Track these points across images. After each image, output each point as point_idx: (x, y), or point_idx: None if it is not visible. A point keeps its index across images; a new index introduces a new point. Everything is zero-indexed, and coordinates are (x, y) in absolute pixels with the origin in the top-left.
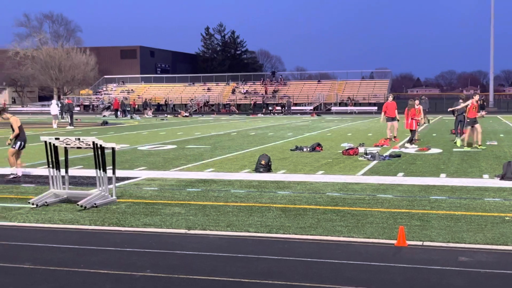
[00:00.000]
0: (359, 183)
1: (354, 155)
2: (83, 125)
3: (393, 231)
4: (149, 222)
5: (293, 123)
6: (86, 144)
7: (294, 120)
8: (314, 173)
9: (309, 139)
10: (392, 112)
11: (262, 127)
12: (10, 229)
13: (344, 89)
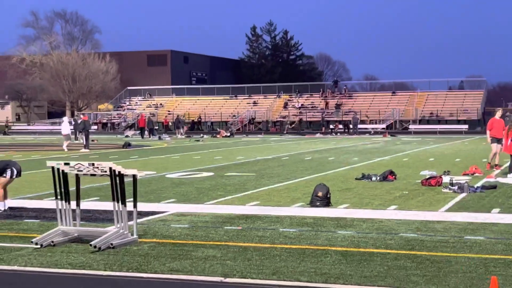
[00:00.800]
0: (441, 221)
1: (436, 185)
2: (101, 147)
3: (484, 282)
4: (177, 267)
5: (360, 145)
6: (102, 170)
7: (362, 141)
8: (384, 209)
9: (380, 166)
10: (499, 132)
11: (321, 150)
12: (8, 274)
13: (426, 103)
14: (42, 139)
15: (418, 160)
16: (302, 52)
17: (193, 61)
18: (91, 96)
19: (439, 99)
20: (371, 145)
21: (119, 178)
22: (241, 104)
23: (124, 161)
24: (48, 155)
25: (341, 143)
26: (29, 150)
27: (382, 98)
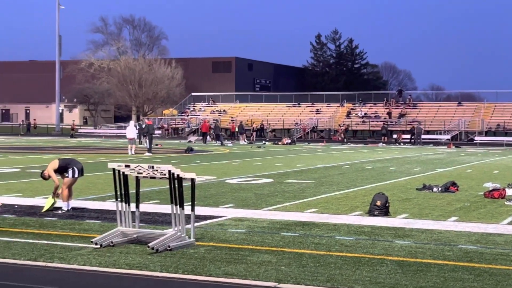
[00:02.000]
0: (503, 234)
1: (499, 198)
2: (164, 152)
3: None
4: (232, 271)
5: (423, 155)
6: (161, 173)
7: (425, 151)
8: (444, 220)
9: (442, 177)
10: None
11: (382, 159)
12: (68, 272)
13: (493, 114)
14: (107, 143)
15: (481, 172)
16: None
17: (257, 68)
18: (156, 101)
19: (507, 111)
20: (434, 156)
21: (177, 182)
22: (304, 112)
23: (185, 165)
24: (113, 158)
25: (403, 153)
26: (94, 153)
27: (447, 109)
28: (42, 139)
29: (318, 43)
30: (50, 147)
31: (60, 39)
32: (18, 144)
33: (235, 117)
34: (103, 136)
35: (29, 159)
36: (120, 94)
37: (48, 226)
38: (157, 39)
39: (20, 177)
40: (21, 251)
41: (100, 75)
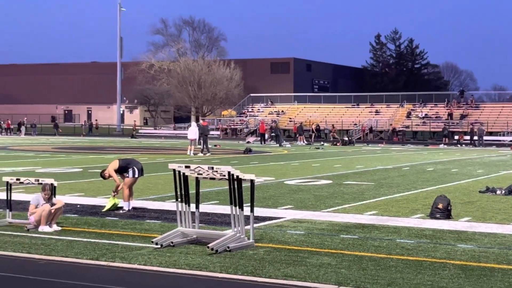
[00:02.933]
0: None
1: None
2: (223, 152)
3: None
4: (291, 273)
5: (486, 157)
6: (221, 174)
7: (487, 153)
8: (508, 223)
9: (506, 179)
10: None
11: (444, 161)
12: (129, 272)
13: None
14: (167, 143)
15: None
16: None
17: (316, 69)
18: (215, 102)
19: None
20: (497, 158)
21: (237, 183)
22: (363, 112)
23: (244, 166)
24: (172, 159)
25: (465, 155)
26: (154, 153)
27: (511, 109)
28: (103, 139)
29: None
30: (111, 147)
31: (121, 41)
32: (80, 144)
33: (293, 118)
34: (163, 136)
35: (91, 159)
36: (180, 95)
37: (110, 226)
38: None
39: (83, 177)
40: (84, 250)
41: (160, 76)
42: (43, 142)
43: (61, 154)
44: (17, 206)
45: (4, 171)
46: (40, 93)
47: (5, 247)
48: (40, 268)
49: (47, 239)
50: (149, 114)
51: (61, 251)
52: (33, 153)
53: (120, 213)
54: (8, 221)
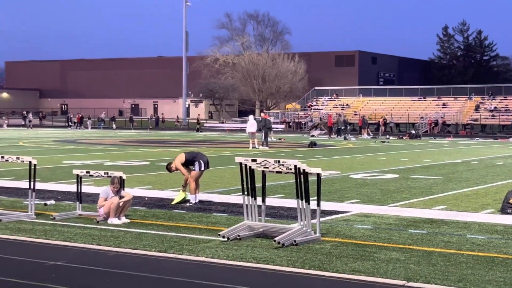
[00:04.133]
0: None
1: None
2: (287, 146)
3: None
4: (359, 268)
5: None
6: (287, 168)
7: None
8: None
9: None
10: None
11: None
12: (196, 264)
13: None
14: (232, 137)
15: None
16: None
17: (381, 61)
18: (279, 95)
19: None
20: None
21: (303, 176)
22: (430, 105)
23: (309, 160)
24: (237, 152)
25: None
26: (219, 146)
27: None
28: (169, 133)
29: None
30: (177, 141)
31: (186, 36)
32: (147, 137)
33: (358, 111)
34: (227, 130)
35: (157, 153)
36: (244, 88)
37: (177, 219)
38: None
39: (150, 170)
40: (152, 242)
41: (225, 70)
42: (111, 135)
43: (128, 148)
44: (87, 199)
45: (74, 164)
46: (107, 88)
47: (76, 239)
48: (110, 260)
49: (116, 231)
50: (214, 108)
51: (130, 243)
52: (101, 146)
53: (187, 206)
54: (78, 213)
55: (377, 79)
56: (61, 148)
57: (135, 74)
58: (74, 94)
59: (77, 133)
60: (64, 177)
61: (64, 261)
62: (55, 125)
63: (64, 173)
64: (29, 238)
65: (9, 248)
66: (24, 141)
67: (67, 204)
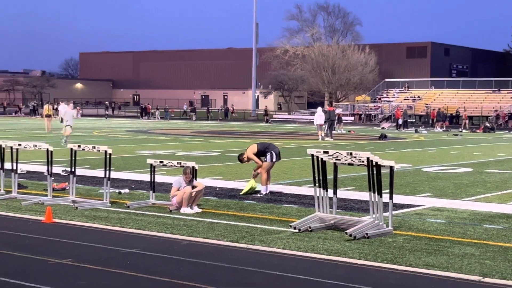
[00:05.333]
0: None
1: None
2: (357, 138)
3: None
4: (433, 262)
5: None
6: (359, 160)
7: None
8: None
9: None
10: None
11: None
12: (268, 255)
13: None
14: (301, 128)
15: None
16: None
17: (454, 53)
18: (349, 87)
19: None
20: None
21: (376, 169)
22: (505, 98)
23: (379, 152)
24: (306, 144)
25: None
26: (289, 138)
27: None
28: (239, 124)
29: None
30: (247, 132)
31: (257, 27)
32: (217, 128)
33: (429, 103)
34: (296, 121)
35: (227, 143)
36: (314, 80)
37: (248, 209)
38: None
39: (220, 161)
40: (224, 232)
41: (295, 61)
42: (182, 126)
43: (199, 138)
44: (159, 188)
45: (147, 153)
46: (178, 79)
47: (150, 227)
48: (183, 249)
49: (188, 221)
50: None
51: (203, 232)
52: (173, 137)
53: (258, 197)
54: (152, 202)
55: (450, 71)
56: (134, 138)
57: (206, 65)
58: (146, 85)
59: (149, 124)
60: (137, 166)
61: (138, 248)
62: (127, 115)
63: (137, 162)
64: (104, 226)
65: (86, 235)
66: (98, 131)
67: (140, 193)
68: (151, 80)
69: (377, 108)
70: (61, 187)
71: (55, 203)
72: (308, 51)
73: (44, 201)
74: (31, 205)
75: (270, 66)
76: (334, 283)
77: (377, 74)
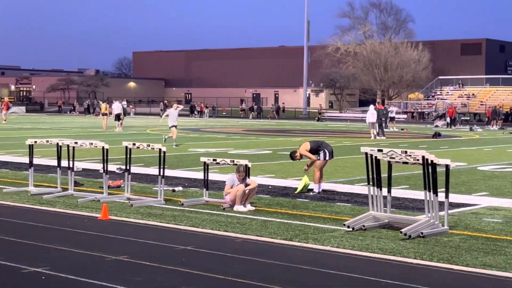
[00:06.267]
0: None
1: None
2: (410, 136)
3: None
4: (490, 262)
5: None
6: (414, 158)
7: None
8: None
9: None
10: None
11: None
12: (322, 253)
13: None
14: (353, 126)
15: None
16: None
17: (510, 50)
18: (401, 85)
19: None
20: None
21: (431, 168)
22: None
23: (434, 151)
24: (359, 142)
25: None
26: (340, 136)
27: None
28: (290, 122)
29: None
30: (298, 130)
31: (308, 25)
32: (268, 127)
33: (484, 101)
34: (348, 120)
35: (279, 141)
36: (366, 78)
37: (301, 207)
38: (403, 22)
39: (272, 159)
40: (277, 230)
41: (346, 59)
42: (233, 124)
43: (250, 136)
44: (213, 186)
45: (199, 151)
46: (230, 77)
47: (204, 225)
48: (237, 246)
49: (242, 218)
50: (334, 98)
51: (256, 230)
52: (225, 135)
53: (310, 195)
54: (205, 200)
55: (505, 68)
56: (186, 136)
57: (257, 63)
58: (198, 83)
59: (201, 122)
60: (190, 164)
61: (193, 246)
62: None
63: (190, 160)
64: (159, 223)
65: (141, 232)
66: (151, 129)
67: (193, 191)
68: (203, 79)
69: (430, 106)
70: (116, 184)
71: (110, 200)
72: (360, 49)
73: (99, 198)
74: (87, 202)
75: (322, 64)
76: (389, 282)
77: (430, 71)
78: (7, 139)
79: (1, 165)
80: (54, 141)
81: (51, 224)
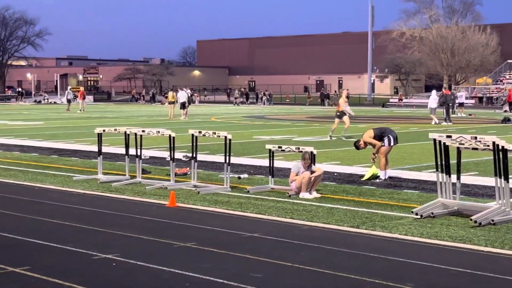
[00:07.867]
0: None
1: None
2: (478, 122)
3: None
4: None
5: None
6: (485, 144)
7: None
8: None
9: None
10: None
11: None
12: (390, 241)
13: None
14: (418, 112)
15: None
16: None
17: None
18: (469, 70)
19: None
20: None
21: (502, 153)
22: None
23: (503, 136)
24: (425, 128)
25: None
26: (406, 122)
27: None
28: (354, 108)
29: None
30: (362, 117)
31: (372, 10)
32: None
33: None
34: (414, 106)
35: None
36: (432, 63)
37: (367, 194)
38: (471, 5)
39: (337, 146)
40: (344, 217)
41: (412, 44)
42: (297, 111)
43: (315, 123)
44: (278, 173)
45: (264, 139)
46: (293, 64)
47: (270, 212)
48: (304, 233)
49: (308, 206)
50: (399, 83)
51: (322, 217)
52: (289, 122)
53: (377, 182)
54: (271, 187)
55: None
56: (251, 124)
57: (321, 50)
58: (261, 71)
59: (264, 109)
60: (255, 151)
61: (260, 233)
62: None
63: (255, 148)
64: (226, 210)
65: (208, 219)
66: (215, 117)
67: (259, 178)
68: (266, 66)
69: (499, 90)
70: (182, 172)
71: (177, 187)
72: (425, 33)
73: (167, 186)
74: (155, 189)
75: (386, 49)
76: (459, 270)
77: (499, 55)
78: (75, 127)
79: (71, 153)
80: (122, 130)
81: (120, 211)
